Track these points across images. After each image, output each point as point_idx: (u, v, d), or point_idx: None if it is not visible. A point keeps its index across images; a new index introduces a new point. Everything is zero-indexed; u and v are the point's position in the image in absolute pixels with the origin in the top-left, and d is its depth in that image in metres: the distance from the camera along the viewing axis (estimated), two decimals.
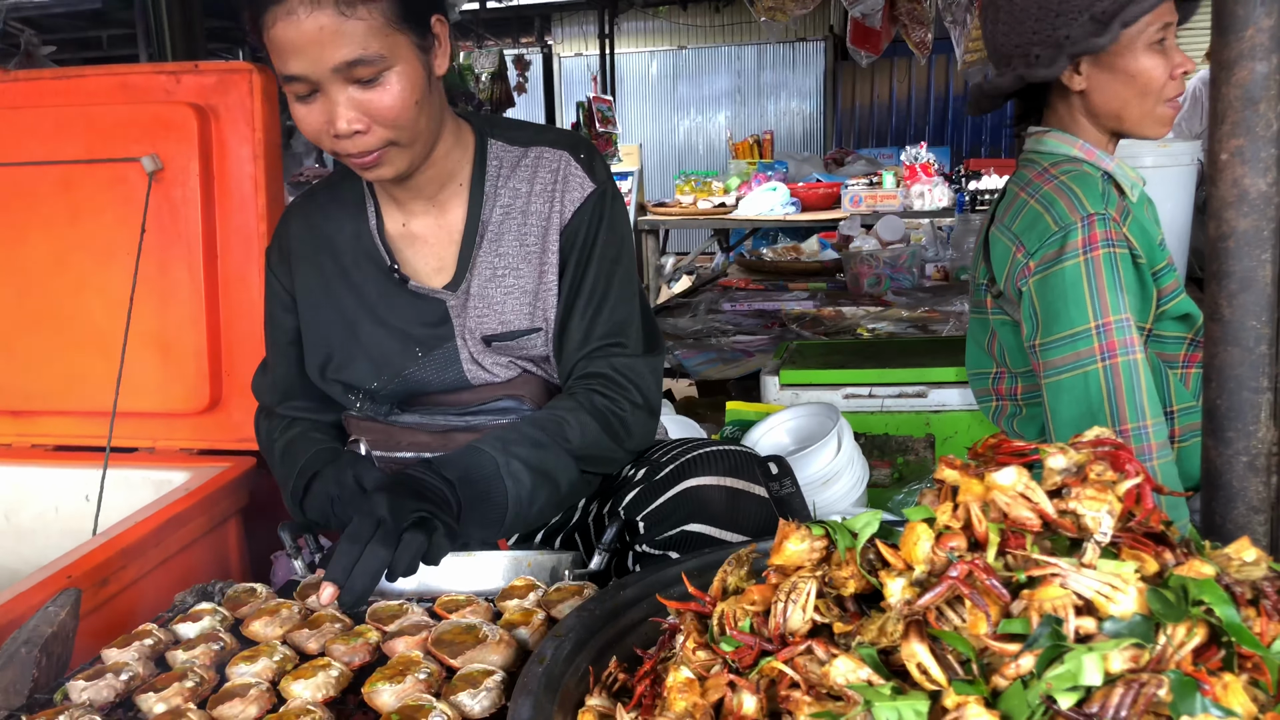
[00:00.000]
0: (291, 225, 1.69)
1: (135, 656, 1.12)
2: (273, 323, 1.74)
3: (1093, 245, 1.79)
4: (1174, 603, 0.79)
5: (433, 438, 1.62)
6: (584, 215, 1.59)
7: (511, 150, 1.63)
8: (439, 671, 1.05)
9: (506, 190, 1.61)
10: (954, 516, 0.86)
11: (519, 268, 1.59)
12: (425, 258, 1.63)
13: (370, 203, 1.65)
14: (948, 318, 3.55)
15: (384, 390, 1.63)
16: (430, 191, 1.60)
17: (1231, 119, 1.22)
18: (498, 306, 1.59)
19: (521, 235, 1.60)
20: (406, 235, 1.63)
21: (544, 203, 1.59)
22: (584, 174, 1.60)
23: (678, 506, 1.45)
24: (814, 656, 0.83)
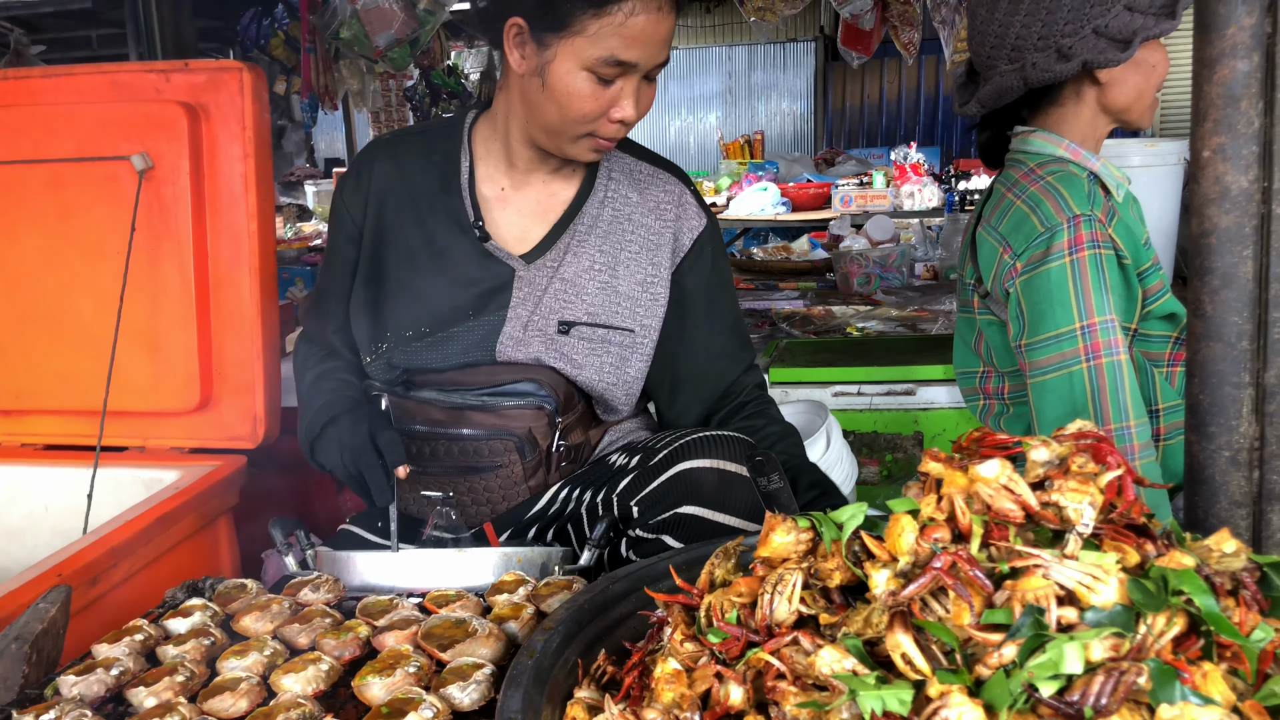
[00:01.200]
0: (377, 161, 1.75)
1: (126, 652, 1.12)
2: (333, 251, 1.79)
3: (1078, 246, 1.81)
4: (1154, 593, 0.81)
5: (446, 414, 1.65)
6: (704, 248, 1.75)
7: (624, 158, 1.75)
8: (429, 665, 1.05)
9: (617, 195, 1.71)
10: (938, 508, 0.87)
11: (615, 268, 1.68)
12: (511, 223, 1.70)
13: (466, 156, 1.72)
14: (937, 316, 3.56)
15: (416, 344, 1.66)
16: (554, 165, 1.68)
17: (1213, 116, 1.23)
18: (588, 298, 1.66)
19: (625, 240, 1.69)
20: (501, 198, 1.70)
21: (656, 219, 1.71)
22: (698, 207, 1.76)
23: (670, 490, 1.47)
24: (800, 647, 0.84)
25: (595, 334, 1.66)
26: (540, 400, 1.64)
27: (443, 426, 1.65)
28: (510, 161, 1.69)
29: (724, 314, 1.78)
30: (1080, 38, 1.84)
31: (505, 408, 1.63)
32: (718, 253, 1.78)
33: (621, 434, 1.78)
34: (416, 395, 1.67)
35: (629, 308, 1.68)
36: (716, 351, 1.76)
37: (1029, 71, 1.90)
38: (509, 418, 1.64)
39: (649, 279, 1.70)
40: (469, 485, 1.67)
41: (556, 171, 1.70)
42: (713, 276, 1.76)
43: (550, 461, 1.67)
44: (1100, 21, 1.83)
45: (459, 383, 1.67)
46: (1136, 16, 1.82)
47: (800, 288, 4.52)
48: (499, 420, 1.63)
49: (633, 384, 1.71)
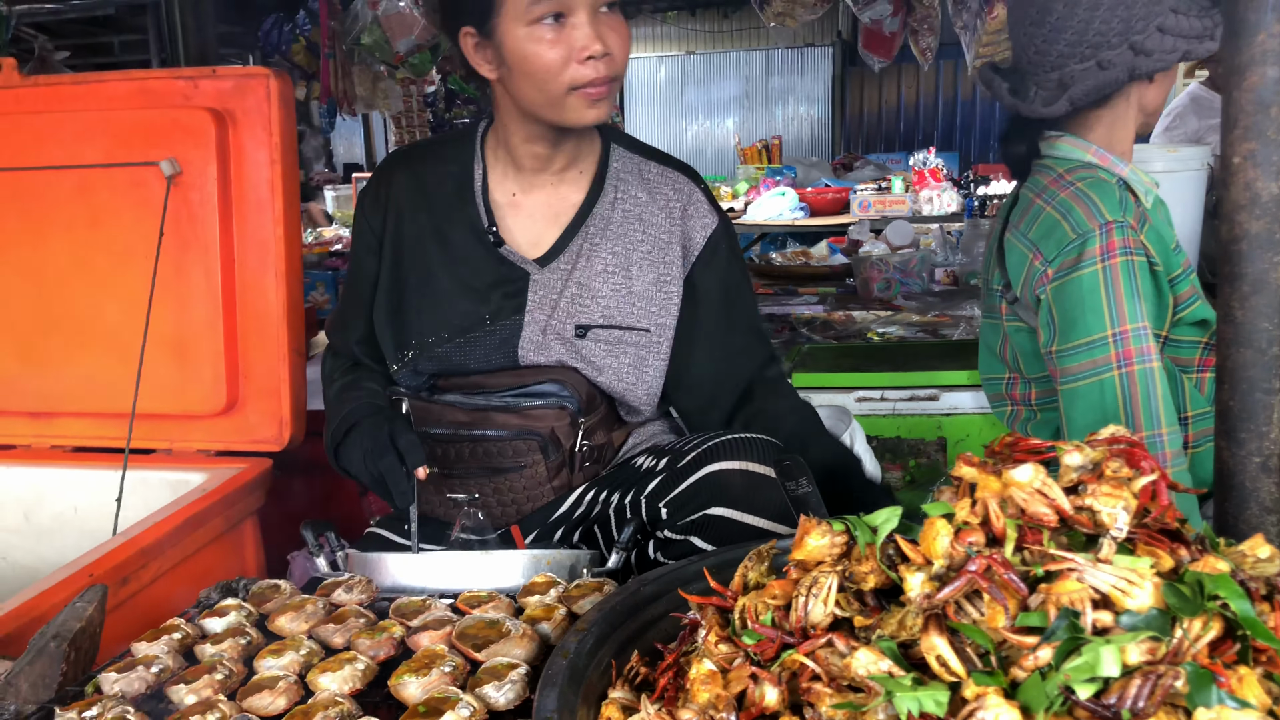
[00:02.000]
0: (395, 172, 1.79)
1: (165, 650, 1.14)
2: (355, 265, 1.83)
3: (1110, 253, 1.80)
4: (1190, 597, 0.81)
5: (470, 415, 1.68)
6: (718, 246, 1.75)
7: (632, 158, 1.76)
8: (463, 665, 1.06)
9: (626, 195, 1.72)
10: (972, 512, 0.88)
11: (629, 269, 1.69)
12: (524, 229, 1.72)
13: (479, 164, 1.75)
14: (958, 322, 3.55)
15: (439, 350, 1.69)
16: (559, 166, 1.70)
17: (1243, 123, 1.24)
18: (603, 300, 1.68)
19: (637, 241, 1.70)
20: (513, 204, 1.73)
21: (665, 218, 1.72)
22: (709, 205, 1.77)
23: (699, 491, 1.48)
24: (835, 649, 0.85)
25: (612, 335, 1.68)
26: (563, 400, 1.66)
27: (466, 428, 1.68)
28: (517, 166, 1.72)
29: (742, 312, 1.78)
30: (1148, 35, 1.86)
31: (528, 408, 1.66)
32: (732, 251, 1.78)
33: (646, 436, 1.79)
34: (440, 399, 1.70)
35: (644, 308, 1.70)
36: (736, 350, 1.76)
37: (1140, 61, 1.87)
38: (532, 418, 1.66)
39: (662, 278, 1.71)
40: (494, 486, 1.68)
41: (563, 174, 1.72)
42: (728, 275, 1.76)
43: (574, 462, 1.68)
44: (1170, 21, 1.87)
45: (483, 386, 1.70)
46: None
47: (820, 293, 4.51)
48: (522, 420, 1.66)
49: (652, 384, 1.72)
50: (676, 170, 1.79)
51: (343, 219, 8.26)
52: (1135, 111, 2.00)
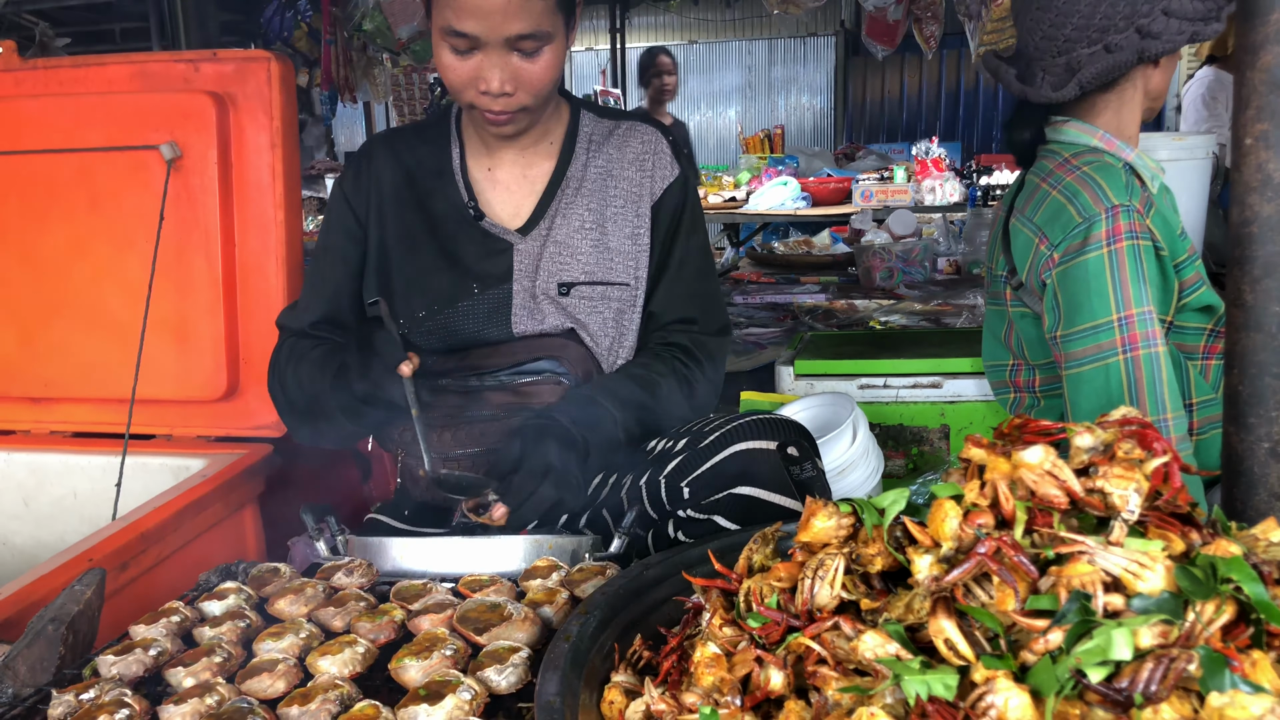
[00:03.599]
0: (375, 154, 1.79)
1: (163, 633, 1.13)
2: (325, 246, 1.80)
3: (1117, 237, 1.79)
4: (1202, 580, 0.80)
5: (463, 398, 1.67)
6: (674, 194, 1.73)
7: (602, 122, 1.78)
8: (465, 648, 1.05)
9: (600, 155, 1.74)
10: (981, 494, 0.86)
11: (604, 225, 1.71)
12: (503, 201, 1.74)
13: (455, 144, 1.77)
14: (960, 311, 3.54)
15: (429, 323, 1.69)
16: (524, 143, 1.72)
17: (1256, 103, 1.22)
18: (582, 257, 1.70)
19: (610, 196, 1.72)
20: (489, 179, 1.75)
21: (635, 170, 1.73)
22: (673, 156, 1.76)
23: (724, 470, 1.46)
24: (841, 632, 0.84)
25: (595, 291, 1.69)
26: (558, 375, 1.66)
27: (462, 411, 1.67)
28: (485, 142, 1.74)
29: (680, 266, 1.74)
30: (1154, 18, 1.84)
31: (522, 385, 1.66)
32: (690, 203, 1.76)
33: None
34: (432, 384, 1.68)
35: (622, 262, 1.71)
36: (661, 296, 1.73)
37: (1146, 44, 1.86)
38: (526, 395, 1.66)
39: (635, 230, 1.72)
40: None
41: (533, 145, 1.74)
42: (669, 227, 1.74)
43: None
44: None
45: (479, 366, 1.69)
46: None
47: (822, 282, 4.50)
48: (516, 398, 1.66)
49: (631, 338, 1.72)
50: (643, 123, 1.79)
51: None
52: (1141, 96, 1.99)
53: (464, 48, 1.51)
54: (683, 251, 1.73)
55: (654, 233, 1.72)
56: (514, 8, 1.46)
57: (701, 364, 1.69)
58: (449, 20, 1.49)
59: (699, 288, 1.74)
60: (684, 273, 1.73)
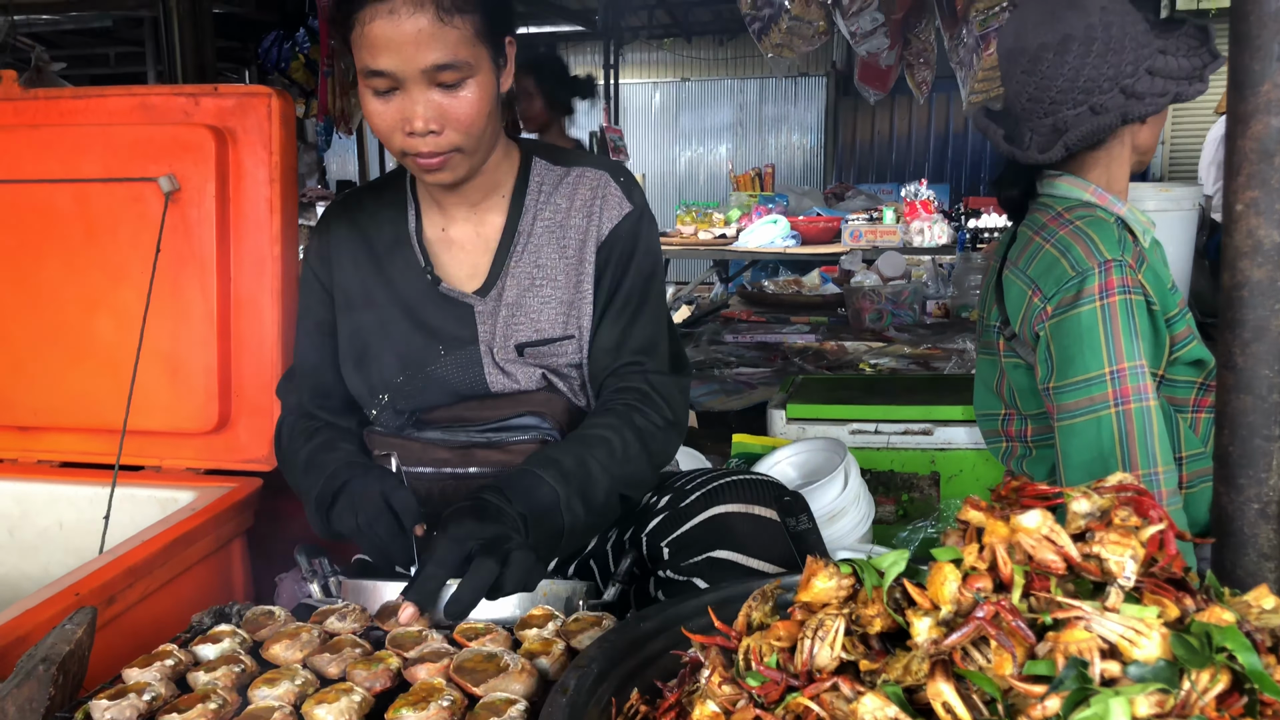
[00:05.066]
0: (333, 224, 1.76)
1: (157, 677, 1.12)
2: (308, 320, 1.78)
3: (1109, 291, 1.82)
4: (1198, 648, 0.81)
5: (453, 453, 1.64)
6: (620, 232, 1.66)
7: (554, 170, 1.72)
8: (461, 699, 1.05)
9: (548, 206, 1.68)
10: (980, 558, 0.87)
11: (556, 278, 1.66)
12: (460, 263, 1.70)
13: (411, 206, 1.72)
14: (949, 355, 3.57)
15: (408, 388, 1.66)
16: (474, 199, 1.67)
17: (1246, 171, 1.24)
18: (533, 315, 1.65)
19: (561, 248, 1.67)
20: (444, 240, 1.70)
21: (583, 218, 1.67)
22: (622, 195, 1.68)
23: (704, 533, 1.46)
24: (840, 693, 0.84)
25: (547, 349, 1.65)
26: (544, 434, 1.62)
27: (450, 466, 1.64)
28: (437, 201, 1.69)
29: (625, 304, 1.66)
30: (1139, 78, 1.88)
31: (510, 443, 1.62)
32: (639, 241, 1.68)
33: None
34: (422, 436, 1.66)
35: (566, 314, 1.65)
36: (603, 335, 1.65)
37: (1131, 104, 1.89)
38: (515, 453, 1.61)
39: (579, 278, 1.66)
40: None
41: (479, 205, 1.69)
42: (620, 263, 1.66)
43: None
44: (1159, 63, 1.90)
45: (464, 419, 1.66)
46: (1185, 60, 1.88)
47: (812, 322, 4.53)
48: (505, 456, 1.61)
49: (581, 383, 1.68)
50: (594, 167, 1.71)
51: None
52: (1129, 152, 2.02)
53: (384, 88, 1.47)
54: (631, 286, 1.66)
55: (600, 271, 1.65)
56: (425, 36, 1.42)
57: (659, 406, 1.60)
58: (366, 61, 1.46)
59: (650, 325, 1.67)
60: (629, 309, 1.65)
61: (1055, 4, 1.93)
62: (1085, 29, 1.88)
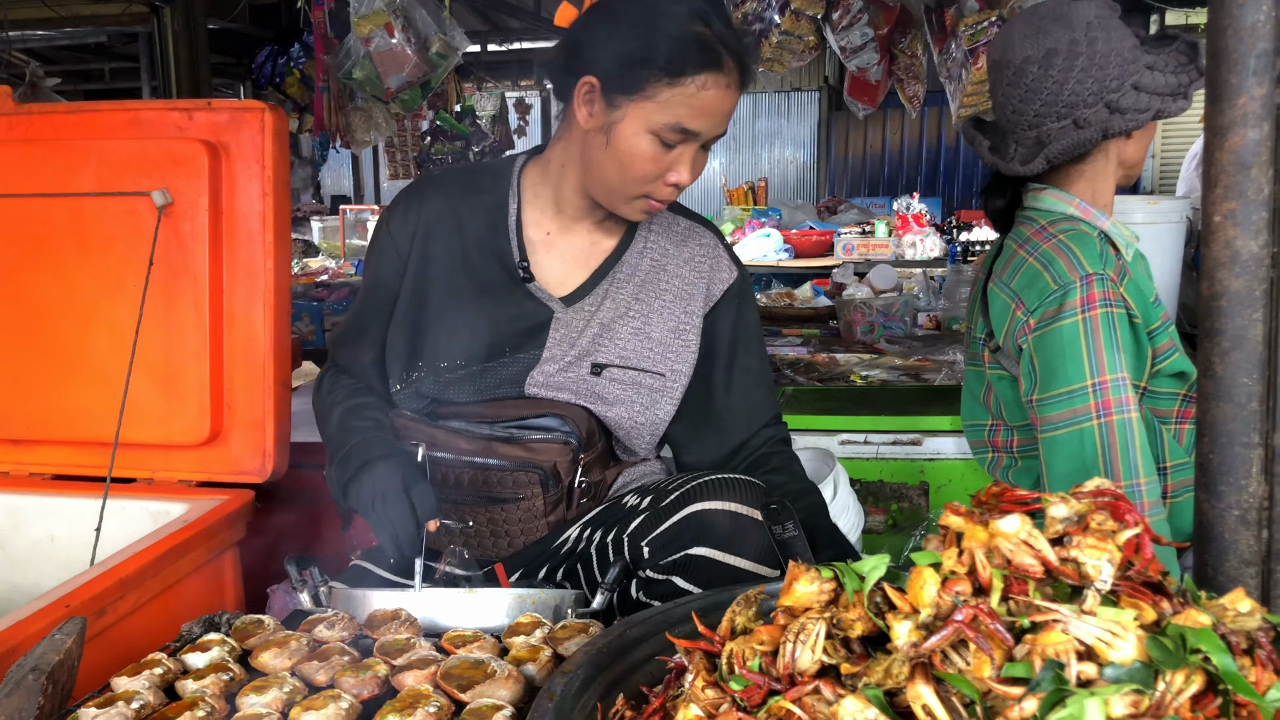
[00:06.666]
0: (428, 194, 1.79)
1: (145, 685, 1.12)
2: (375, 282, 1.81)
3: (1091, 305, 1.83)
4: (1172, 650, 0.82)
5: (474, 444, 1.68)
6: (733, 298, 1.80)
7: (661, 213, 1.79)
8: (448, 705, 1.06)
9: (655, 246, 1.77)
10: (959, 562, 0.89)
11: (648, 316, 1.73)
12: (554, 268, 1.75)
13: (514, 200, 1.76)
14: (940, 366, 3.58)
15: (449, 376, 1.69)
16: (600, 216, 1.73)
17: (1224, 183, 1.26)
18: (620, 342, 1.71)
19: (660, 289, 1.75)
20: (546, 243, 1.75)
21: (692, 271, 1.77)
22: (730, 260, 1.83)
23: (682, 531, 1.48)
24: (822, 696, 0.85)
25: (627, 375, 1.71)
26: (565, 435, 1.67)
27: (470, 455, 1.68)
28: (559, 208, 1.74)
29: (750, 365, 1.81)
30: (1123, 93, 1.89)
31: (532, 441, 1.67)
32: (746, 304, 1.83)
33: (635, 476, 1.79)
34: (445, 425, 1.70)
35: (660, 353, 1.73)
36: (738, 400, 1.79)
37: (1113, 120, 1.91)
38: (536, 451, 1.67)
39: (681, 326, 1.75)
40: (489, 516, 1.69)
41: (601, 223, 1.75)
42: (739, 327, 1.80)
43: (571, 497, 1.69)
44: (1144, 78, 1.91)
45: (484, 416, 1.70)
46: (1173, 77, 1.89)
47: (804, 334, 4.54)
48: (525, 453, 1.66)
49: (659, 425, 1.75)
50: (703, 226, 1.86)
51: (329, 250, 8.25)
52: (1114, 166, 2.04)
53: (676, 141, 1.55)
54: (759, 354, 1.83)
55: (714, 332, 1.78)
56: (731, 112, 1.58)
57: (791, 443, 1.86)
58: (679, 118, 1.53)
59: (770, 382, 1.87)
60: (761, 374, 1.83)
61: (1042, 18, 1.95)
62: (1070, 44, 1.90)
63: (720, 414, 1.78)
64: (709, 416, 1.78)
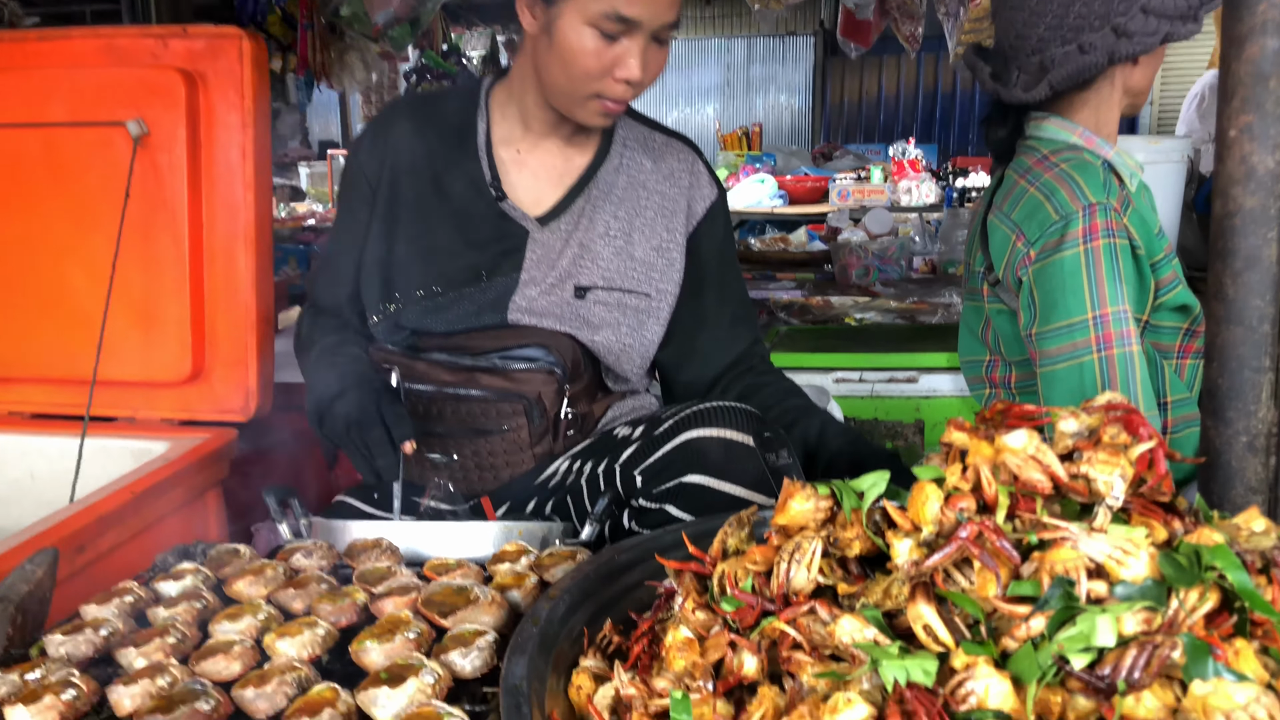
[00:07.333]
0: (396, 120, 1.75)
1: (114, 613, 1.09)
2: (346, 214, 1.78)
3: (1093, 235, 1.78)
4: (1186, 567, 0.78)
5: (455, 375, 1.65)
6: (717, 217, 1.77)
7: (637, 127, 1.77)
8: (429, 631, 1.02)
9: (631, 162, 1.73)
10: (963, 478, 0.84)
11: (630, 235, 1.69)
12: (527, 186, 1.70)
13: (483, 119, 1.72)
14: (935, 309, 3.53)
15: (427, 304, 1.66)
16: (568, 130, 1.68)
17: (1241, 94, 1.21)
18: (603, 263, 1.68)
19: (640, 206, 1.71)
20: (517, 160, 1.71)
21: (672, 187, 1.73)
22: (710, 177, 1.80)
23: (675, 459, 1.45)
24: (817, 617, 0.82)
25: (612, 298, 1.67)
26: (550, 365, 1.64)
27: (450, 387, 1.65)
28: (526, 125, 1.70)
29: (734, 285, 1.80)
30: (1131, 16, 1.82)
31: (515, 370, 1.64)
32: (728, 224, 1.81)
33: (626, 410, 1.76)
34: (425, 357, 1.67)
35: (644, 273, 1.69)
36: (726, 321, 1.77)
37: (1120, 44, 1.83)
38: (519, 381, 1.64)
39: (664, 244, 1.71)
40: (474, 449, 1.65)
41: (571, 138, 1.70)
42: (724, 247, 1.78)
43: (557, 429, 1.65)
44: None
45: (465, 347, 1.67)
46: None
47: (798, 279, 4.48)
48: (508, 383, 1.63)
49: (649, 348, 1.72)
50: (680, 141, 1.81)
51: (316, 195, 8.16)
52: (1120, 94, 1.98)
53: (614, 32, 1.48)
54: (734, 274, 1.81)
55: (698, 253, 1.74)
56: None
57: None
58: (614, 5, 1.46)
59: (749, 301, 1.86)
60: (744, 292, 1.83)
61: None
62: None
63: (710, 335, 1.75)
64: (698, 338, 1.75)
